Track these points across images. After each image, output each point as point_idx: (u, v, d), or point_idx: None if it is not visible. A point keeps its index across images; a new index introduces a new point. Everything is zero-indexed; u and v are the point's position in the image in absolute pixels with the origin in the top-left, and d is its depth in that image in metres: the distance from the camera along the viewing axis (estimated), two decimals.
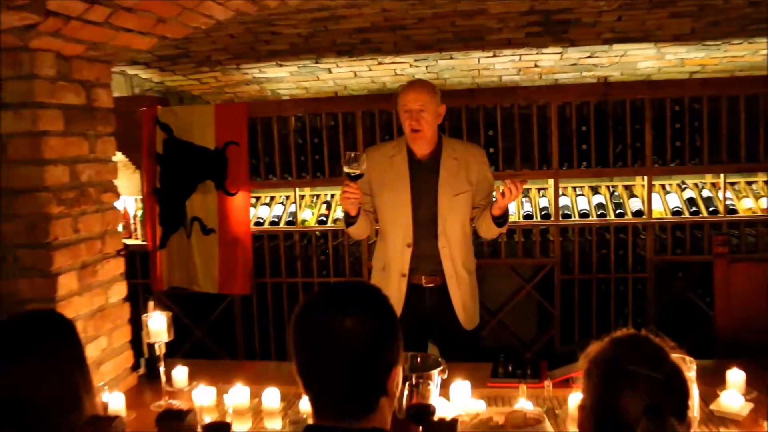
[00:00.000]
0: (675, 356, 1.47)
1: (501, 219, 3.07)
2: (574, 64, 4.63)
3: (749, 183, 4.61)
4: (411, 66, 4.67)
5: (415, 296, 3.20)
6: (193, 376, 2.83)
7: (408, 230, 3.16)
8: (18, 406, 1.48)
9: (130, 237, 4.98)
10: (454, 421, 1.17)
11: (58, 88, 2.61)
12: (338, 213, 4.80)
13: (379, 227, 3.30)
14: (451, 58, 4.52)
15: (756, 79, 4.35)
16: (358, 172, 2.89)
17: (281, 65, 4.65)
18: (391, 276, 3.20)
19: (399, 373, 1.45)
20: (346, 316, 1.37)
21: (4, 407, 1.49)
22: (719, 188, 4.46)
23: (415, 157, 3.18)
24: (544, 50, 4.36)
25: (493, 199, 3.10)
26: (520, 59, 4.54)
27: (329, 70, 4.76)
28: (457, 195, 3.15)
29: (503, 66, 4.69)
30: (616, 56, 4.47)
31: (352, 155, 2.89)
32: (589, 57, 4.49)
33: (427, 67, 4.69)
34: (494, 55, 4.46)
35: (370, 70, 4.74)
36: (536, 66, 4.69)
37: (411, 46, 4.30)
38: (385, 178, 3.18)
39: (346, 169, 2.89)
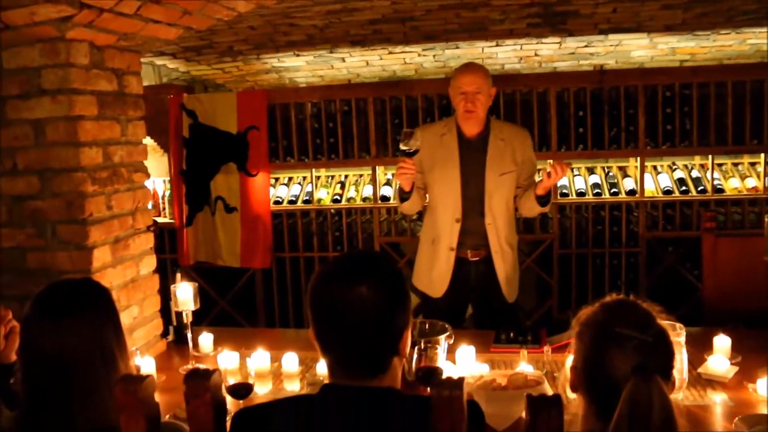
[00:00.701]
0: (665, 322, 1.47)
1: (544, 198, 3.01)
2: (572, 53, 4.60)
3: (735, 164, 4.58)
4: (419, 55, 4.64)
5: (461, 270, 3.15)
6: (217, 342, 2.85)
7: (457, 206, 3.10)
8: (61, 364, 1.50)
9: (158, 215, 5.00)
10: (461, 379, 1.17)
11: (92, 75, 2.61)
12: (351, 192, 4.81)
13: (429, 202, 3.23)
14: (457, 48, 4.50)
15: (743, 67, 4.31)
16: (413, 148, 2.83)
17: (298, 55, 4.64)
18: (440, 249, 3.15)
19: (409, 335, 1.45)
20: (361, 284, 1.37)
21: (49, 364, 1.51)
22: (707, 169, 4.42)
23: (464, 137, 3.10)
24: (544, 40, 4.33)
25: (538, 179, 3.05)
26: (521, 48, 4.51)
27: (343, 60, 4.74)
28: (503, 174, 3.08)
29: (505, 55, 4.66)
30: (612, 45, 4.43)
31: (408, 132, 2.83)
32: (586, 46, 4.45)
33: (434, 56, 4.66)
34: (497, 45, 4.43)
35: (381, 59, 4.72)
36: (536, 55, 4.66)
37: (419, 37, 4.27)
38: (435, 156, 3.10)
39: (402, 146, 2.83)
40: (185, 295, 2.66)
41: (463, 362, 2.41)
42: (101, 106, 2.67)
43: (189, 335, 2.73)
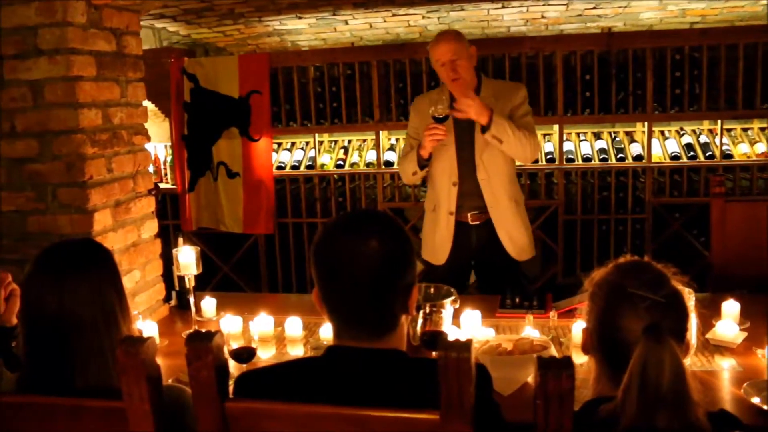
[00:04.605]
0: (678, 286, 1.44)
1: (484, 127, 2.93)
2: (580, 15, 4.51)
3: (745, 129, 4.51)
4: (423, 17, 4.56)
5: (462, 234, 3.16)
6: (220, 307, 2.83)
7: (453, 170, 3.10)
8: (62, 324, 1.48)
9: (161, 181, 4.97)
10: (469, 341, 1.15)
11: (89, 35, 2.57)
12: (355, 157, 4.77)
13: (429, 171, 3.20)
14: (462, 10, 4.41)
15: (755, 29, 4.22)
16: (443, 114, 2.89)
17: (300, 17, 4.56)
18: (440, 215, 3.16)
19: (416, 293, 1.42)
20: (370, 238, 1.34)
21: (50, 325, 1.49)
22: (716, 134, 4.37)
23: (455, 102, 3.05)
24: (551, 1, 4.24)
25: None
26: (527, 10, 4.42)
27: (346, 22, 4.66)
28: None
29: (511, 17, 4.57)
30: (620, 7, 4.35)
31: (439, 99, 2.94)
32: (594, 8, 4.36)
33: (438, 18, 4.58)
34: (503, 7, 4.34)
35: (385, 21, 4.64)
36: (543, 17, 4.57)
37: None
38: (431, 122, 3.05)
39: (432, 113, 2.89)
40: (187, 258, 2.64)
41: (468, 327, 2.40)
42: (100, 66, 2.63)
43: (191, 300, 2.71)
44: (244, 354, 2.16)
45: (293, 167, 4.79)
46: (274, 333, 2.57)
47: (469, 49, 3.02)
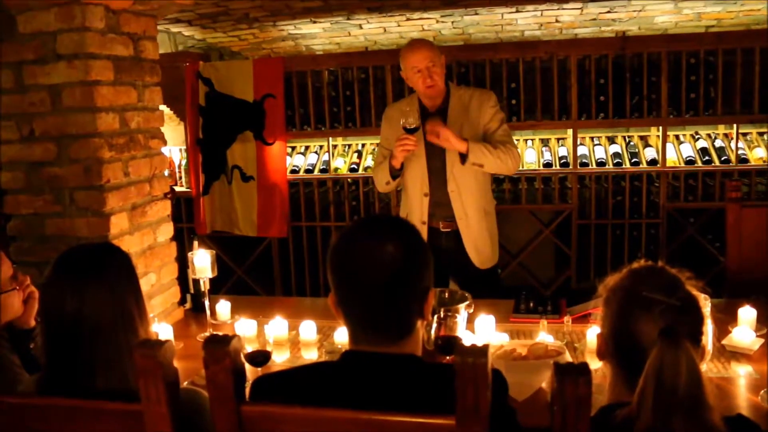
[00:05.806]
0: (692, 290, 1.43)
1: (464, 156, 2.96)
2: (594, 19, 4.50)
3: (761, 134, 4.49)
4: (437, 22, 4.57)
5: (434, 240, 3.17)
6: (235, 311, 2.84)
7: (424, 180, 3.13)
8: (81, 327, 1.49)
9: (175, 184, 5.00)
10: (485, 346, 1.15)
11: (107, 40, 2.59)
12: (368, 161, 4.78)
13: (402, 181, 3.24)
14: (476, 14, 4.41)
15: None
16: (414, 125, 2.92)
17: (315, 22, 4.58)
18: (413, 224, 3.16)
19: (432, 298, 1.43)
20: (389, 242, 1.35)
21: (69, 327, 1.50)
22: (732, 138, 4.35)
23: (426, 111, 3.12)
24: (565, 5, 4.24)
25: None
26: (541, 14, 4.42)
27: (360, 26, 4.68)
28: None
29: (525, 21, 4.57)
30: (635, 11, 4.33)
31: (409, 110, 2.99)
32: (608, 12, 4.35)
33: (452, 22, 4.58)
34: (517, 11, 4.34)
35: (399, 25, 4.65)
36: (557, 21, 4.57)
37: (437, 2, 4.18)
38: (401, 133, 3.07)
39: (403, 124, 2.92)
40: (203, 262, 2.65)
41: (482, 332, 2.39)
42: (117, 71, 2.65)
43: (206, 303, 2.73)
44: (259, 357, 2.17)
45: (307, 171, 4.80)
46: (289, 336, 2.57)
47: (441, 58, 3.06)
